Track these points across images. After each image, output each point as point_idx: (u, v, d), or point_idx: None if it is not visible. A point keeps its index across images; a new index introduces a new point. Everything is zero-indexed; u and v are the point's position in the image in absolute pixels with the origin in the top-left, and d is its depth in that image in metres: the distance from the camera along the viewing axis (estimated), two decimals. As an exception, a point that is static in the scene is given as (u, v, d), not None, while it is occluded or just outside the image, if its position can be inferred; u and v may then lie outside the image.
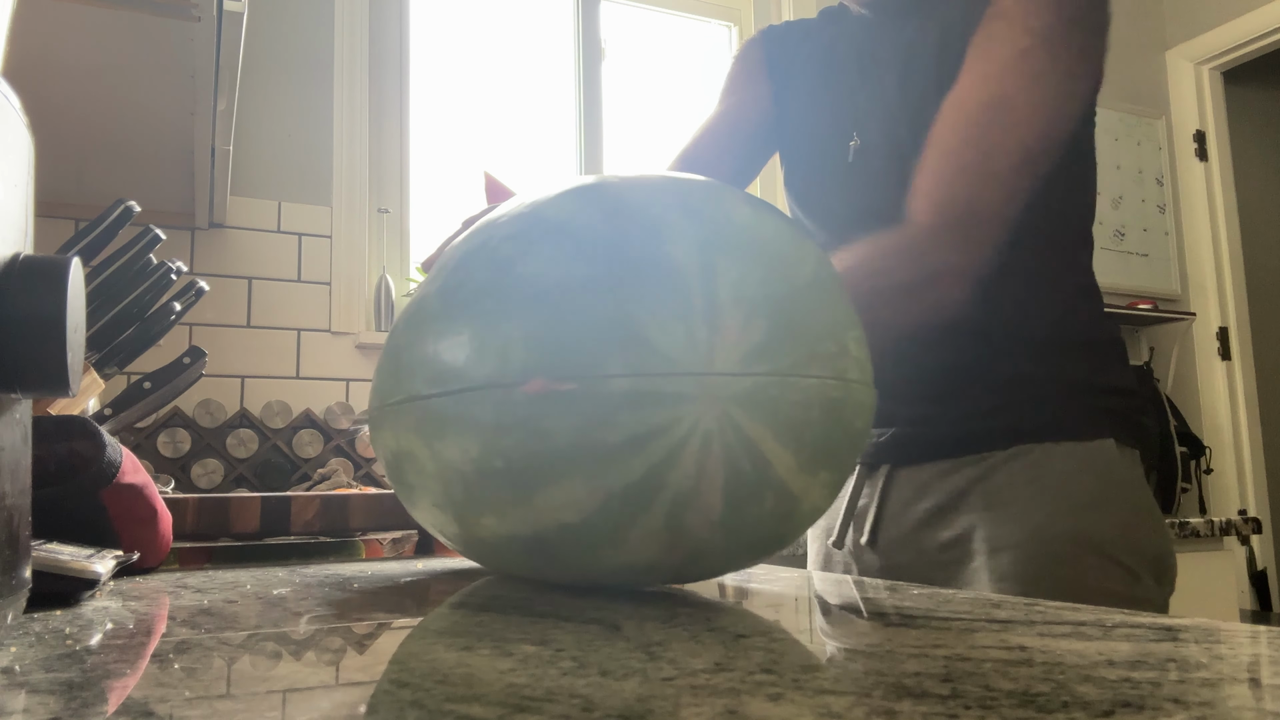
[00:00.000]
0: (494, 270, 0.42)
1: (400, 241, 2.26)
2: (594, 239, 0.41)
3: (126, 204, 0.87)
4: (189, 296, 0.95)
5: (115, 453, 0.54)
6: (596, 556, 0.41)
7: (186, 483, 1.90)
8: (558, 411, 0.37)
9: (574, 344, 0.38)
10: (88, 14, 1.17)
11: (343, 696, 0.24)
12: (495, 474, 0.39)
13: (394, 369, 0.45)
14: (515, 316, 0.40)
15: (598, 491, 0.38)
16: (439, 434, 0.41)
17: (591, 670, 0.27)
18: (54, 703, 0.23)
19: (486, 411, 0.39)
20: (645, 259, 0.40)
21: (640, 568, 0.41)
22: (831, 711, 0.22)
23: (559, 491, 0.38)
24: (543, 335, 0.39)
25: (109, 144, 1.61)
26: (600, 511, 0.38)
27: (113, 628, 0.36)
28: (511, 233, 0.43)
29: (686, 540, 0.40)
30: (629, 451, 0.37)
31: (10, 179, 0.31)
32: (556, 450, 0.38)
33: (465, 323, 0.41)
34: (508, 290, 0.41)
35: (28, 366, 0.30)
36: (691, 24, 2.76)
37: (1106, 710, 0.22)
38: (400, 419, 0.43)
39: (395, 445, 0.45)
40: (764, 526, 0.42)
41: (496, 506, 0.40)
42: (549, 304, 0.39)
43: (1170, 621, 0.35)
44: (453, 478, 0.41)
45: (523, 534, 0.40)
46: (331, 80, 2.18)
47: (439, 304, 0.43)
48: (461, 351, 0.40)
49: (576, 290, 0.39)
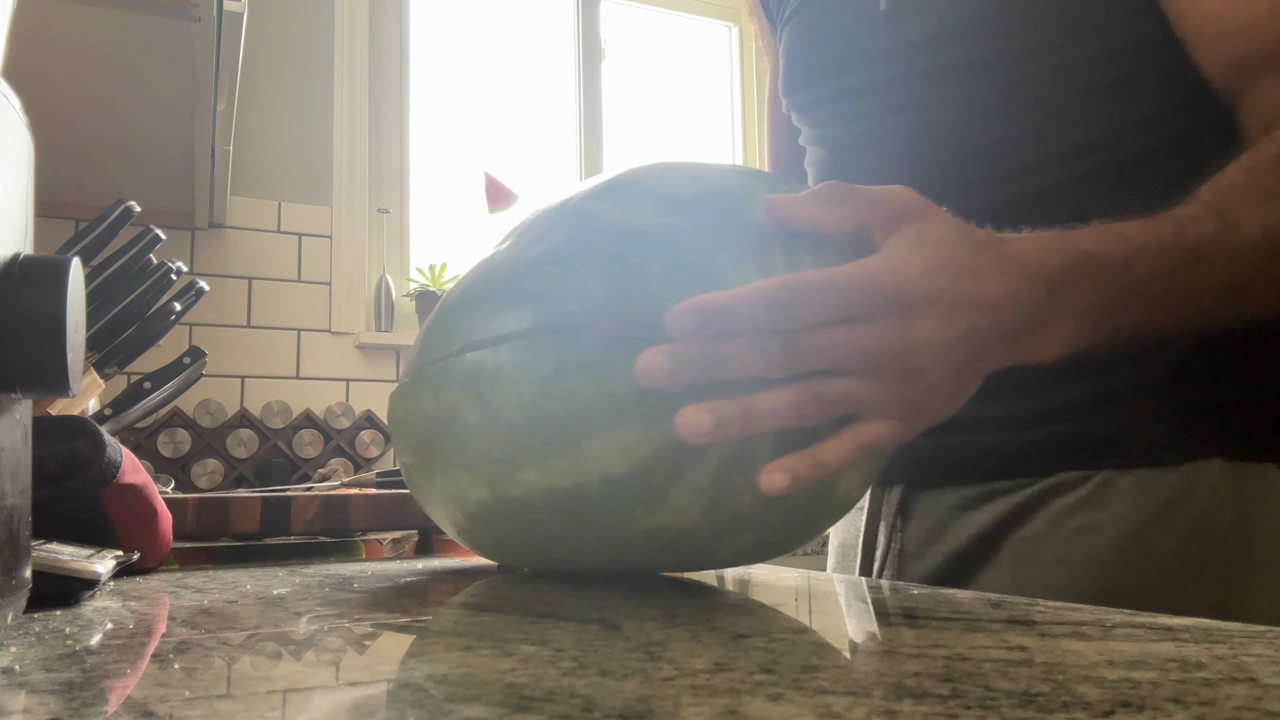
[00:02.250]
0: (576, 226, 0.43)
1: (400, 241, 2.26)
2: (680, 198, 0.42)
3: (126, 204, 0.87)
4: (189, 296, 0.96)
5: (115, 453, 0.55)
6: (632, 517, 0.40)
7: (186, 483, 1.90)
8: (623, 356, 0.38)
9: (655, 288, 0.39)
10: (88, 14, 1.17)
11: (342, 696, 0.24)
12: (547, 420, 0.39)
13: (448, 326, 0.45)
14: (595, 263, 0.40)
15: (649, 440, 0.38)
16: (492, 381, 0.41)
17: (591, 670, 0.27)
18: (54, 703, 0.23)
19: (548, 355, 0.39)
20: (731, 216, 0.42)
21: (673, 533, 0.41)
22: (831, 711, 0.22)
23: (611, 439, 0.38)
24: (623, 279, 0.39)
25: (109, 144, 1.61)
26: (648, 461, 0.39)
27: (113, 628, 0.36)
28: (596, 193, 0.44)
29: (726, 504, 0.40)
30: (687, 400, 0.37)
31: (10, 179, 0.31)
32: (615, 395, 0.38)
33: (540, 271, 0.41)
34: (590, 241, 0.41)
35: (28, 366, 0.30)
36: (691, 24, 2.76)
37: (1106, 710, 0.22)
38: (448, 374, 0.43)
39: (434, 407, 0.44)
40: (799, 505, 0.42)
41: (540, 456, 0.40)
42: (632, 251, 0.40)
43: (1170, 621, 0.35)
44: (497, 430, 0.41)
45: (561, 487, 0.40)
46: (331, 80, 2.18)
47: (510, 258, 0.44)
48: (533, 299, 0.41)
49: (660, 239, 0.41)
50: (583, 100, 2.55)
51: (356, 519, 0.79)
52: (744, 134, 2.73)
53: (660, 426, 0.38)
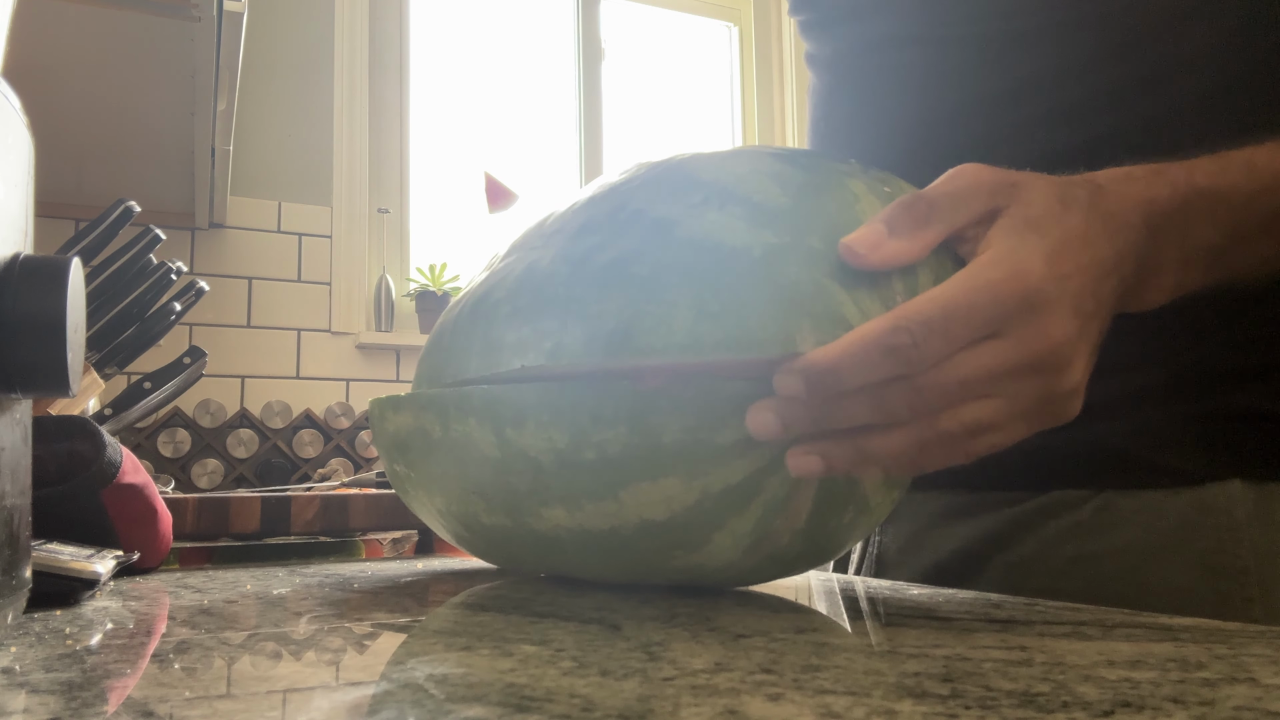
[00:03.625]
0: (647, 234, 0.37)
1: (400, 241, 2.26)
2: (775, 208, 0.37)
3: (126, 204, 0.87)
4: (189, 296, 0.95)
5: (115, 453, 0.54)
6: (669, 556, 0.39)
7: (186, 483, 1.90)
8: (669, 407, 0.35)
9: (759, 322, 0.34)
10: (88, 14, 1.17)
11: (342, 696, 0.24)
12: (582, 466, 0.36)
13: (466, 336, 0.40)
14: (682, 288, 0.35)
15: (693, 491, 0.36)
16: (517, 422, 0.37)
17: (591, 670, 0.27)
18: (54, 703, 0.23)
19: (586, 403, 0.36)
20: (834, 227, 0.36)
21: (709, 569, 0.40)
22: (831, 711, 0.22)
23: (653, 489, 0.36)
24: (719, 312, 0.34)
25: (109, 144, 1.61)
26: (691, 511, 0.36)
27: (113, 628, 0.36)
28: (658, 190, 0.39)
29: (766, 546, 0.39)
30: (734, 454, 0.35)
31: (10, 179, 0.31)
32: (659, 447, 0.35)
33: (609, 290, 0.36)
34: (670, 258, 0.36)
35: (28, 366, 0.30)
36: (691, 24, 2.76)
37: (1106, 710, 0.22)
38: (463, 404, 0.39)
39: (442, 433, 0.40)
40: (836, 538, 0.41)
41: (571, 499, 0.37)
42: (727, 274, 0.35)
43: (1170, 621, 0.35)
44: (521, 468, 0.38)
45: (594, 529, 0.38)
46: (331, 80, 2.18)
47: (563, 266, 0.38)
48: (598, 320, 0.35)
49: (761, 261, 0.35)
50: (583, 100, 2.54)
51: (356, 519, 0.79)
52: (744, 134, 2.73)
53: (706, 478, 0.36)
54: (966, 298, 0.33)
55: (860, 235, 0.36)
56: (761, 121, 2.72)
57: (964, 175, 0.37)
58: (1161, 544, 0.48)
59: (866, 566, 0.62)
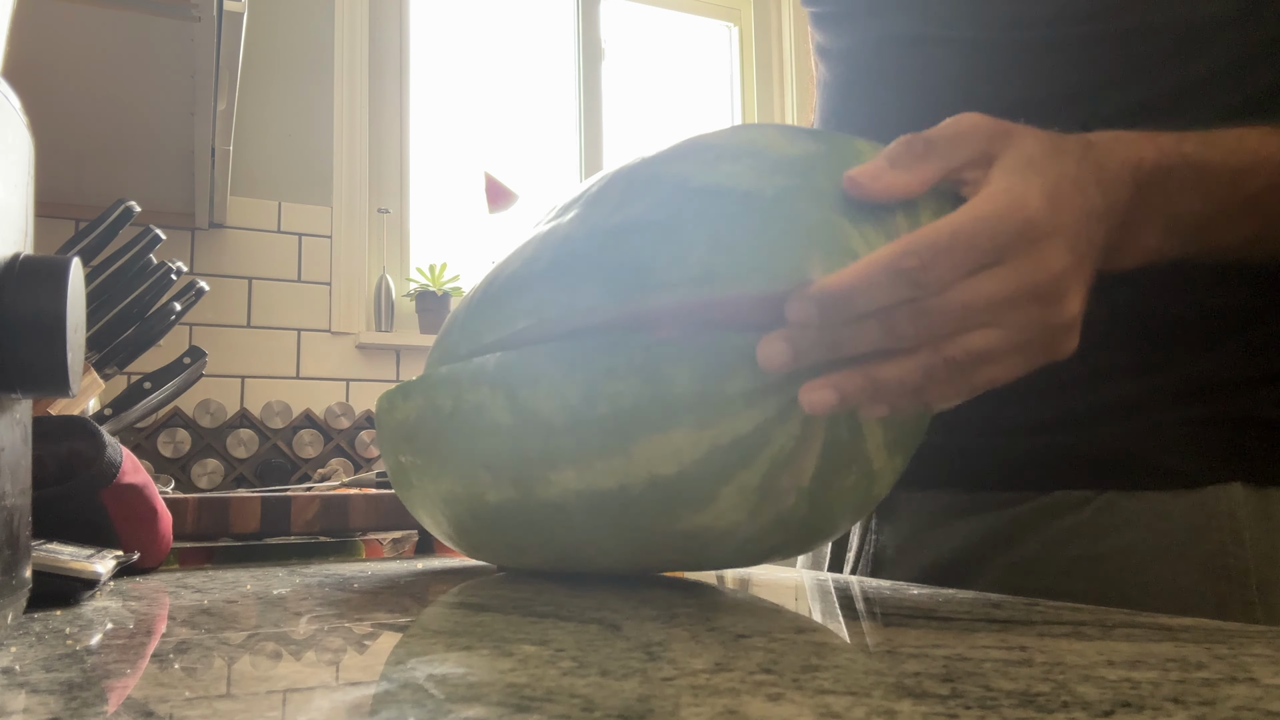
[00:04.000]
0: (666, 190, 0.38)
1: (400, 241, 2.26)
2: (785, 158, 0.39)
3: (126, 204, 0.87)
4: (189, 296, 0.96)
5: (115, 453, 0.54)
6: (675, 516, 0.39)
7: (186, 483, 1.90)
8: (681, 356, 0.36)
9: (774, 252, 0.36)
10: (88, 14, 1.17)
11: (342, 696, 0.24)
12: (594, 421, 0.37)
13: (480, 314, 0.41)
14: (697, 226, 0.36)
15: (703, 442, 0.37)
16: (531, 383, 0.38)
17: (591, 670, 0.27)
18: (54, 703, 0.23)
19: (599, 358, 0.37)
20: (842, 175, 0.38)
21: (713, 534, 0.40)
22: (831, 711, 0.22)
23: (663, 440, 0.37)
24: (732, 244, 0.36)
25: (109, 144, 1.61)
26: (701, 463, 0.37)
27: (113, 628, 0.36)
28: (677, 155, 0.40)
29: (771, 506, 0.39)
30: (744, 403, 0.36)
31: (10, 179, 0.31)
32: (672, 396, 0.36)
33: (629, 239, 0.37)
34: (687, 205, 0.37)
35: (28, 366, 0.30)
36: (691, 24, 2.76)
37: (1106, 710, 0.22)
38: (478, 373, 0.40)
39: (453, 406, 0.41)
40: (838, 505, 0.42)
41: (581, 458, 0.38)
42: (742, 214, 0.36)
43: (1170, 621, 0.35)
44: (533, 431, 0.38)
45: (603, 488, 0.38)
46: (331, 80, 2.18)
47: (584, 229, 0.39)
48: (619, 269, 0.37)
49: (772, 200, 0.37)
50: (583, 100, 2.55)
51: (356, 519, 0.79)
52: (744, 134, 2.74)
53: (715, 429, 0.36)
54: (971, 225, 0.35)
55: (863, 168, 0.38)
56: (761, 121, 2.72)
57: (963, 120, 0.39)
58: (1164, 546, 0.48)
59: (863, 565, 0.62)
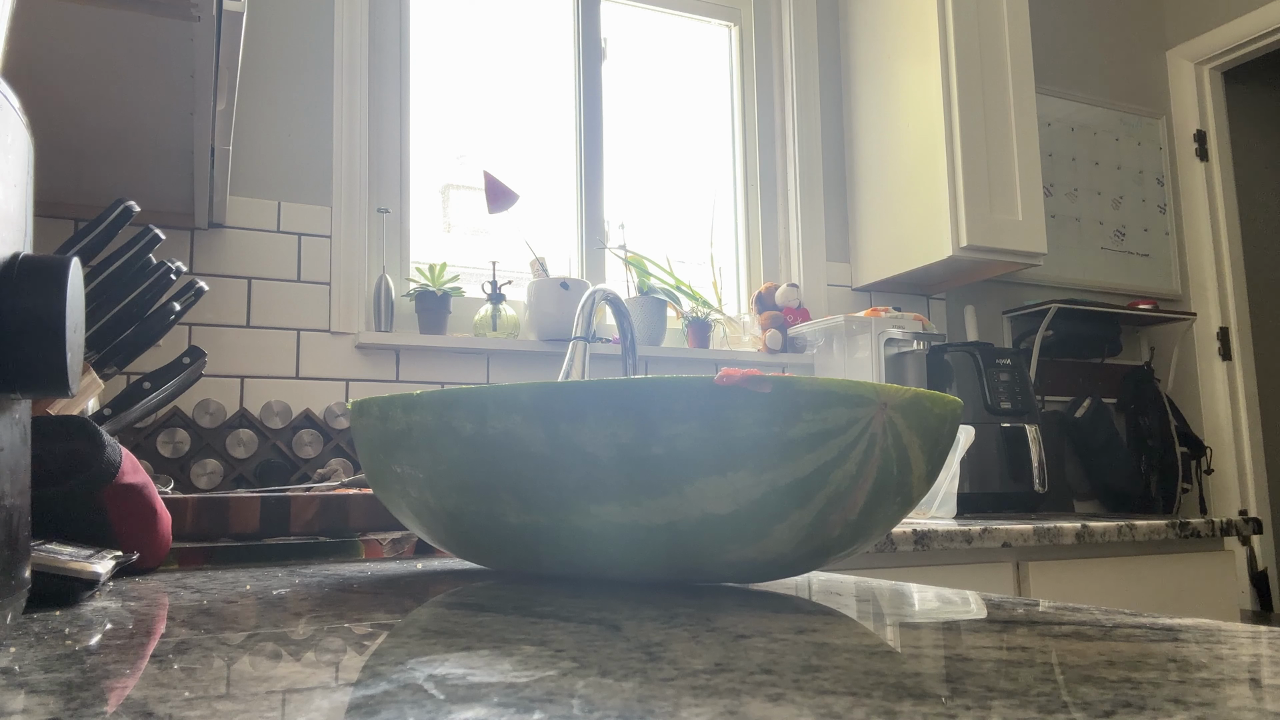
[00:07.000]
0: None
1: (400, 241, 2.26)
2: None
3: (126, 204, 0.87)
4: (188, 296, 0.95)
5: (115, 453, 0.54)
6: (722, 550, 0.39)
7: (186, 483, 1.90)
8: (745, 402, 0.36)
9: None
10: (87, 14, 1.17)
11: (342, 696, 0.24)
12: (646, 461, 0.37)
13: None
14: None
15: (762, 484, 0.37)
16: (575, 416, 0.38)
17: (591, 670, 0.27)
18: (54, 703, 0.23)
19: (659, 395, 0.37)
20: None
21: (759, 564, 0.40)
22: (831, 711, 0.22)
23: (721, 483, 0.37)
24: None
25: (109, 144, 1.61)
26: (757, 504, 0.37)
27: (112, 628, 0.36)
28: None
29: (818, 537, 0.40)
30: (805, 447, 0.37)
31: (10, 179, 0.31)
32: (732, 441, 0.36)
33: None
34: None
35: (28, 366, 0.30)
36: (691, 24, 2.76)
37: (1106, 710, 0.22)
38: (508, 398, 0.39)
39: (475, 430, 0.40)
40: (877, 528, 0.42)
41: (628, 495, 0.38)
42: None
43: (1170, 621, 0.35)
44: (573, 464, 0.38)
45: (650, 523, 0.38)
46: (331, 80, 2.18)
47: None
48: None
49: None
50: (582, 100, 2.54)
51: (356, 519, 0.79)
52: (744, 134, 2.73)
53: (775, 472, 0.36)
54: None
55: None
56: (762, 122, 2.72)
57: None
58: None
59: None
